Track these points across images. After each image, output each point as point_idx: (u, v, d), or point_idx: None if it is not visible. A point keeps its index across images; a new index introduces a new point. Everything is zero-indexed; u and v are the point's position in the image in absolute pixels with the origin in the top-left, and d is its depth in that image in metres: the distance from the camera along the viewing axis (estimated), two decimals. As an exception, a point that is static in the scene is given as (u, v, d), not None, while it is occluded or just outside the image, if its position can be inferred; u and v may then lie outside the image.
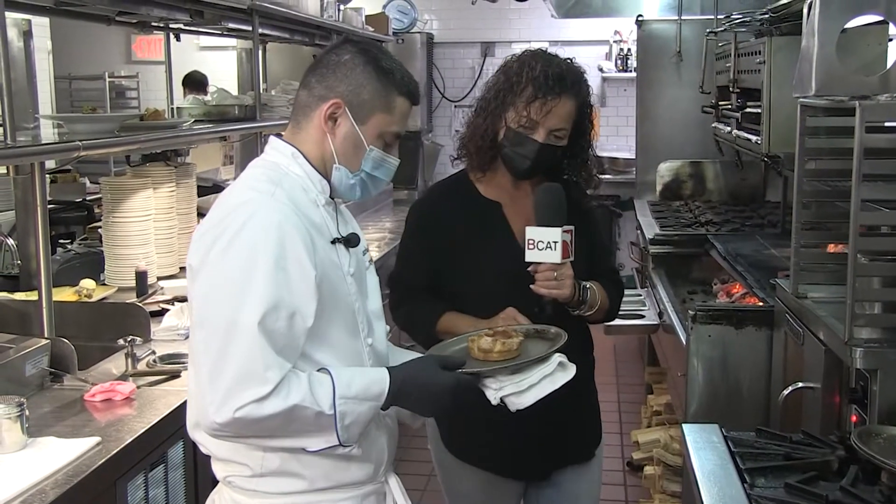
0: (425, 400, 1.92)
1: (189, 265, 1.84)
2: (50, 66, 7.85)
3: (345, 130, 1.91)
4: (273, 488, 1.89)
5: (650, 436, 4.57)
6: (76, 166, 6.03)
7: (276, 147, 1.96)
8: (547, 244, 2.33)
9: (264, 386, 1.71)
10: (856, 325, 2.26)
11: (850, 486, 1.89)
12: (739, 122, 4.30)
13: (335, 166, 1.93)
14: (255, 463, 1.87)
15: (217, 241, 1.77)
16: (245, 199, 1.83)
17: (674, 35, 6.29)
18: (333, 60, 1.93)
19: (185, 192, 4.37)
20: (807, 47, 2.60)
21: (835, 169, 2.64)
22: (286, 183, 1.88)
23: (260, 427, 1.75)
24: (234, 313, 1.72)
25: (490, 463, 2.56)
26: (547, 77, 2.36)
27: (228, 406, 1.70)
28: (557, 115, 2.38)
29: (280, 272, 1.75)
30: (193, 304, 1.81)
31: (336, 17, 5.62)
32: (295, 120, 1.97)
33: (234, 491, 1.93)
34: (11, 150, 2.54)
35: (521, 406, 1.99)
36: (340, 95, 1.90)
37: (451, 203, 2.56)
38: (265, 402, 1.71)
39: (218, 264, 1.76)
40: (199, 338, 1.77)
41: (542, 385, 2.00)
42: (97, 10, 3.64)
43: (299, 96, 1.96)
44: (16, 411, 2.21)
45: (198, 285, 1.80)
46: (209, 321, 1.76)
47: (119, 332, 2.96)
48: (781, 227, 4.72)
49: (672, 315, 3.97)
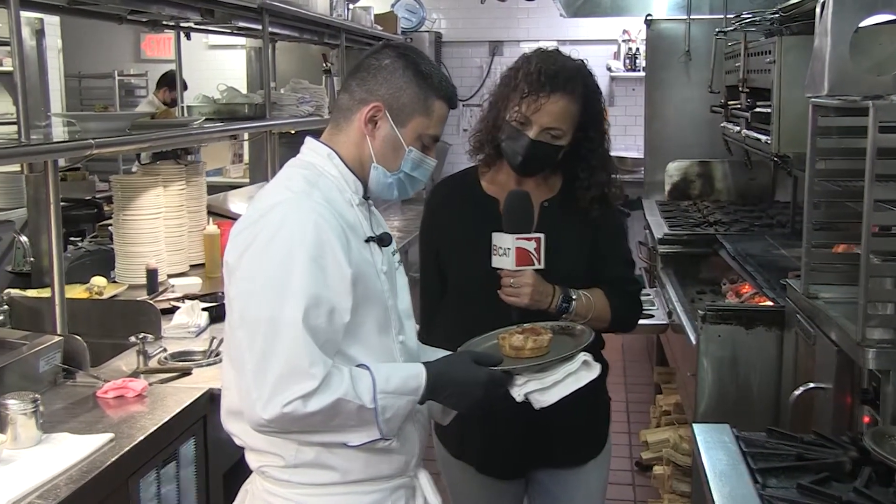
0: (459, 395, 1.94)
1: (226, 263, 1.86)
2: (60, 64, 7.88)
3: (384, 133, 1.95)
4: (306, 479, 1.91)
5: (659, 436, 4.57)
6: (86, 164, 6.04)
7: (313, 147, 2.00)
8: (504, 250, 2.32)
9: (311, 381, 1.73)
10: (868, 325, 2.25)
11: (863, 488, 1.88)
12: (749, 121, 4.30)
13: (373, 166, 1.97)
14: (290, 454, 1.89)
15: (255, 240, 1.80)
16: (282, 198, 1.86)
17: (683, 34, 6.27)
18: (374, 65, 1.96)
19: (195, 190, 4.38)
20: (819, 46, 2.60)
21: (846, 169, 2.63)
22: (322, 183, 1.91)
23: (305, 422, 1.77)
24: (276, 310, 1.75)
25: (480, 460, 2.55)
26: (539, 74, 2.35)
27: (276, 402, 1.72)
28: (549, 112, 2.35)
29: (318, 269, 1.78)
30: (232, 303, 1.83)
31: (345, 16, 5.63)
32: (335, 122, 2.00)
33: (267, 481, 1.94)
34: (26, 148, 2.55)
35: (544, 404, 2.00)
36: (380, 99, 1.93)
37: (453, 196, 2.59)
38: (311, 398, 1.73)
39: (256, 263, 1.79)
40: (241, 336, 1.80)
41: (567, 383, 2.01)
42: (109, 8, 3.65)
43: (340, 99, 2.00)
44: (30, 407, 2.22)
45: (236, 284, 1.83)
46: (250, 319, 1.78)
47: (130, 329, 2.97)
48: (791, 228, 4.71)
49: (681, 315, 3.96)
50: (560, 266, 2.39)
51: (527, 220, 2.36)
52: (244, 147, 8.29)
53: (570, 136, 2.41)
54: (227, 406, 1.97)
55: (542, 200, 2.49)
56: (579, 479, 2.59)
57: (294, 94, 4.86)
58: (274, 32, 4.96)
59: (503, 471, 2.57)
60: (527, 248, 2.31)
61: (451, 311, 2.52)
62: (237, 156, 8.70)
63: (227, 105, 4.42)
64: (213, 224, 4.32)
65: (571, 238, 2.46)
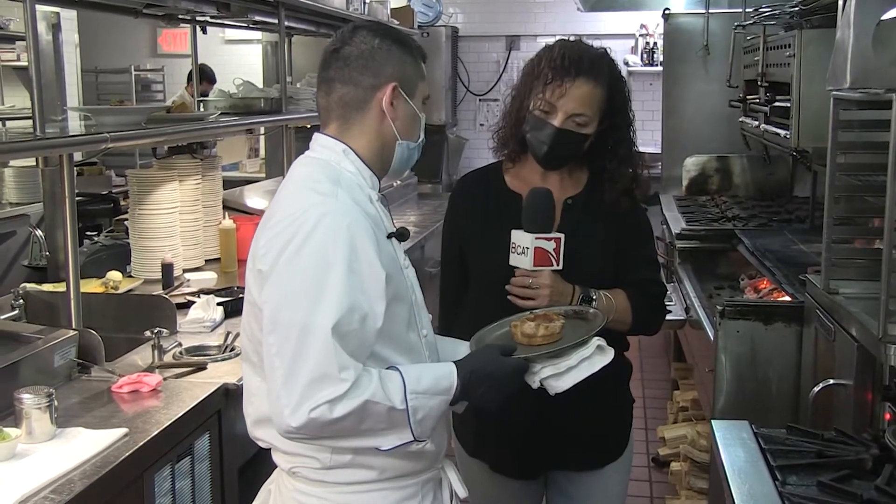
0: (495, 390, 1.92)
1: (259, 270, 1.82)
2: (77, 59, 7.91)
3: (403, 109, 1.96)
4: (342, 479, 1.89)
5: (677, 432, 4.55)
6: (102, 159, 6.06)
7: (325, 144, 1.96)
8: (522, 249, 2.28)
9: (339, 385, 1.71)
10: (890, 321, 2.23)
11: (885, 486, 1.86)
12: (768, 116, 4.26)
13: (398, 143, 1.97)
14: (325, 457, 1.87)
15: (287, 247, 1.77)
16: (310, 202, 1.82)
17: (701, 29, 6.23)
18: (365, 49, 1.93)
19: (211, 185, 4.39)
20: (841, 39, 2.56)
21: (868, 163, 2.60)
22: (344, 182, 1.89)
23: (334, 428, 1.75)
24: (307, 317, 1.73)
25: (494, 459, 2.53)
26: (563, 59, 2.32)
27: (303, 408, 1.71)
28: (574, 97, 2.31)
29: (352, 275, 1.76)
30: (265, 310, 1.80)
31: (361, 9, 5.62)
32: (342, 118, 1.96)
33: (299, 481, 1.92)
34: (41, 142, 2.54)
35: (559, 389, 1.99)
36: (393, 78, 1.93)
37: (476, 192, 2.53)
38: (339, 402, 1.71)
39: (289, 269, 1.77)
40: (272, 341, 1.77)
41: (581, 368, 2.00)
42: (125, 2, 3.65)
43: (343, 94, 1.94)
44: (45, 401, 2.22)
45: (268, 290, 1.79)
46: (282, 325, 1.76)
47: (145, 323, 2.96)
48: (810, 223, 4.68)
49: (699, 310, 3.93)
50: (584, 266, 2.35)
51: (547, 219, 2.31)
52: (260, 142, 8.29)
53: (596, 124, 2.36)
54: (254, 415, 1.95)
55: (566, 198, 2.44)
56: (596, 482, 2.54)
57: (310, 88, 4.84)
58: (290, 26, 4.95)
59: (519, 471, 2.54)
60: (546, 248, 2.27)
61: (473, 304, 2.49)
62: (253, 150, 8.71)
63: (243, 99, 4.41)
64: (228, 219, 4.32)
65: (595, 237, 2.41)
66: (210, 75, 7.51)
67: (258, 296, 1.83)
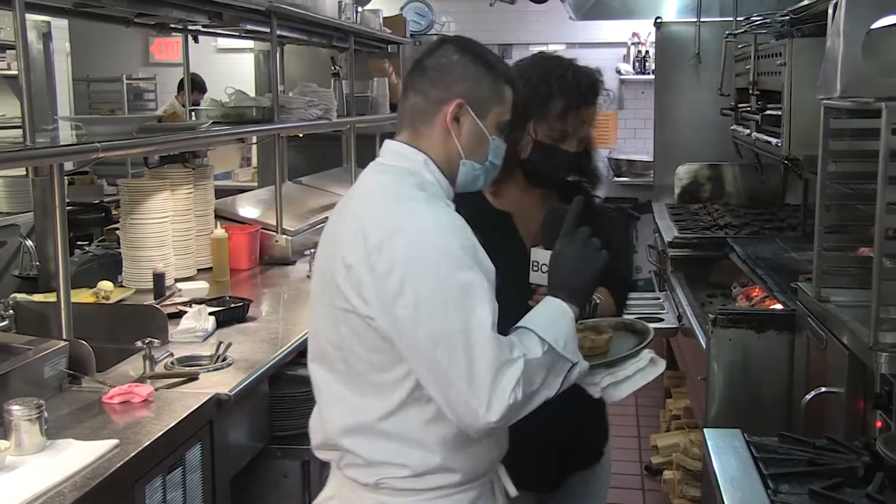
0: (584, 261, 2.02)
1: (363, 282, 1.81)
2: (68, 67, 7.88)
3: (469, 127, 1.95)
4: (430, 484, 1.90)
5: (669, 440, 4.55)
6: (94, 168, 6.05)
7: (404, 153, 1.96)
8: (541, 266, 2.24)
9: (517, 364, 1.77)
10: (881, 329, 2.23)
11: (876, 494, 1.86)
12: (759, 124, 4.27)
13: (462, 162, 1.97)
14: (416, 462, 1.88)
15: (408, 258, 1.78)
16: (408, 209, 1.84)
17: (692, 37, 6.26)
18: (443, 63, 1.94)
19: (203, 194, 4.38)
20: (832, 48, 2.57)
21: (858, 171, 2.61)
22: (430, 190, 1.91)
23: (529, 402, 1.80)
24: (465, 322, 1.76)
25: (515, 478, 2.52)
26: (580, 85, 2.30)
27: (498, 400, 1.75)
28: (590, 122, 2.34)
29: (478, 266, 1.81)
30: (404, 324, 1.79)
31: (354, 18, 5.62)
32: (412, 127, 1.97)
33: (382, 493, 1.91)
34: (31, 152, 2.53)
35: (616, 398, 2.03)
36: (460, 95, 1.92)
37: (468, 220, 2.50)
38: (521, 379, 1.77)
39: (418, 284, 1.77)
40: (438, 357, 1.77)
41: (635, 379, 2.05)
42: (116, 11, 3.64)
43: (414, 102, 1.96)
44: (35, 413, 2.20)
45: (401, 310, 1.78)
46: (443, 339, 1.76)
47: (137, 334, 2.95)
48: (801, 231, 4.69)
49: (691, 318, 3.94)
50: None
51: None
52: (252, 151, 8.29)
53: None
54: (341, 424, 1.92)
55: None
56: (595, 473, 2.58)
57: (303, 97, 4.84)
58: (282, 35, 4.95)
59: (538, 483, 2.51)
60: None
61: None
62: (245, 159, 8.70)
63: (235, 108, 4.40)
64: (220, 228, 4.31)
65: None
66: (201, 85, 7.51)
67: (360, 304, 1.82)
